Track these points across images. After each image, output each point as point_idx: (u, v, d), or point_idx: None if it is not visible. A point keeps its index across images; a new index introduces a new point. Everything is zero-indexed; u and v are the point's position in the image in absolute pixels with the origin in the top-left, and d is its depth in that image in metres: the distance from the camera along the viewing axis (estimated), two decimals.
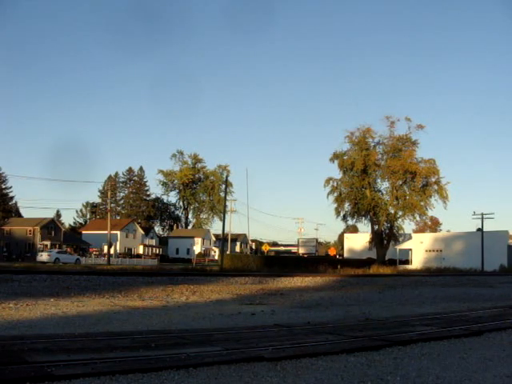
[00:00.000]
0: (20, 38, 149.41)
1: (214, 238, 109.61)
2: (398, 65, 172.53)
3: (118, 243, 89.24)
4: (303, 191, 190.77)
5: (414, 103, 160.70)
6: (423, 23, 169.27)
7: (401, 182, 59.14)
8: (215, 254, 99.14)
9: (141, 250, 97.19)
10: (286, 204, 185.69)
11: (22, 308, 11.12)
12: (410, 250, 77.01)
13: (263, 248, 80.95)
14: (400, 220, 60.25)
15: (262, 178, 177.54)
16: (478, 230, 70.11)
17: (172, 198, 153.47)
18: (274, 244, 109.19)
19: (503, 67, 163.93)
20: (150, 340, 6.54)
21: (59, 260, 61.88)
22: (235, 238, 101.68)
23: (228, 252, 72.47)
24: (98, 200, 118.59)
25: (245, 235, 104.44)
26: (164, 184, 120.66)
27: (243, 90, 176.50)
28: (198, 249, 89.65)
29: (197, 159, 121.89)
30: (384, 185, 61.58)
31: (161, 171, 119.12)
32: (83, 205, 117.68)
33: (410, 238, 77.58)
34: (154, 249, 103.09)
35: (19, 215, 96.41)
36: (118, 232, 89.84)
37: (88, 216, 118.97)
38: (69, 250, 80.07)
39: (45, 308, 11.23)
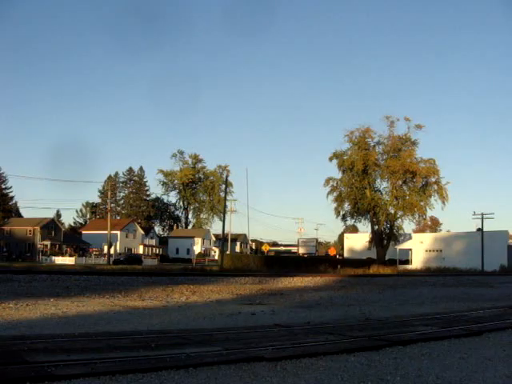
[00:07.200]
0: (20, 38, 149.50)
1: (214, 238, 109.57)
2: (398, 65, 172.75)
3: (118, 243, 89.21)
4: (303, 191, 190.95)
5: (414, 103, 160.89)
6: (423, 23, 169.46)
7: (400, 182, 59.05)
8: (215, 254, 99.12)
9: (141, 249, 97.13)
10: (285, 204, 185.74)
11: (22, 308, 11.11)
12: (410, 250, 76.97)
13: (263, 248, 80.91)
14: (400, 220, 60.26)
15: (262, 178, 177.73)
16: (478, 230, 70.06)
17: (172, 198, 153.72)
18: (274, 244, 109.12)
19: (503, 67, 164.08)
20: (150, 340, 6.54)
21: None
22: (235, 238, 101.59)
23: (228, 252, 72.44)
24: (98, 200, 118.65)
25: (245, 235, 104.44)
26: (164, 184, 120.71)
27: (243, 90, 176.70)
28: (197, 249, 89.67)
29: (197, 159, 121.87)
30: (384, 185, 61.53)
31: (161, 171, 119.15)
32: (83, 205, 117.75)
33: (410, 238, 77.52)
34: (154, 249, 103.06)
35: (19, 215, 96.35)
36: (118, 232, 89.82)
37: (88, 216, 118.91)
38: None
39: (45, 308, 11.23)
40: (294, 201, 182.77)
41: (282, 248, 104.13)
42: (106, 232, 74.42)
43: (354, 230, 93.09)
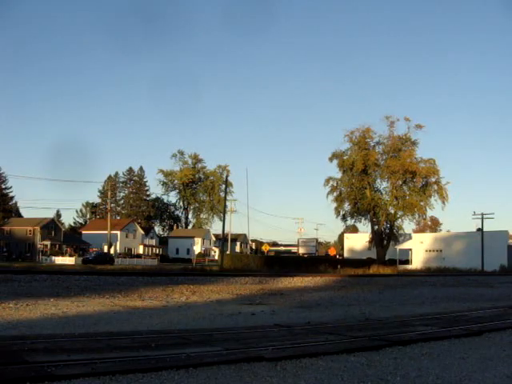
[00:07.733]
0: (20, 38, 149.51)
1: (214, 238, 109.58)
2: (398, 65, 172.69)
3: (118, 243, 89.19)
4: (303, 191, 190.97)
5: (414, 103, 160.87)
6: (423, 23, 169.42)
7: (401, 182, 59.09)
8: (215, 254, 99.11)
9: (141, 250, 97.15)
10: (285, 204, 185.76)
11: (22, 308, 11.11)
12: (410, 250, 76.97)
13: (263, 248, 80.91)
14: (400, 220, 60.28)
15: (262, 178, 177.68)
16: (478, 230, 70.07)
17: (172, 198, 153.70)
18: (274, 244, 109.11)
19: (503, 67, 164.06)
20: (150, 340, 6.53)
21: None
22: (235, 238, 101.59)
23: (228, 252, 72.44)
24: (98, 200, 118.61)
25: (245, 235, 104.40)
26: (164, 184, 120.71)
27: (243, 90, 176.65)
28: (197, 249, 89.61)
29: (197, 159, 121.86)
30: (384, 185, 61.61)
31: (161, 171, 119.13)
32: (83, 205, 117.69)
33: (410, 238, 77.54)
34: (154, 249, 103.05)
35: (19, 215, 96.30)
36: (118, 232, 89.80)
37: (88, 216, 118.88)
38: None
39: (45, 308, 11.23)
40: (294, 201, 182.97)
41: (282, 248, 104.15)
42: (106, 232, 74.49)
43: (354, 229, 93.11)
